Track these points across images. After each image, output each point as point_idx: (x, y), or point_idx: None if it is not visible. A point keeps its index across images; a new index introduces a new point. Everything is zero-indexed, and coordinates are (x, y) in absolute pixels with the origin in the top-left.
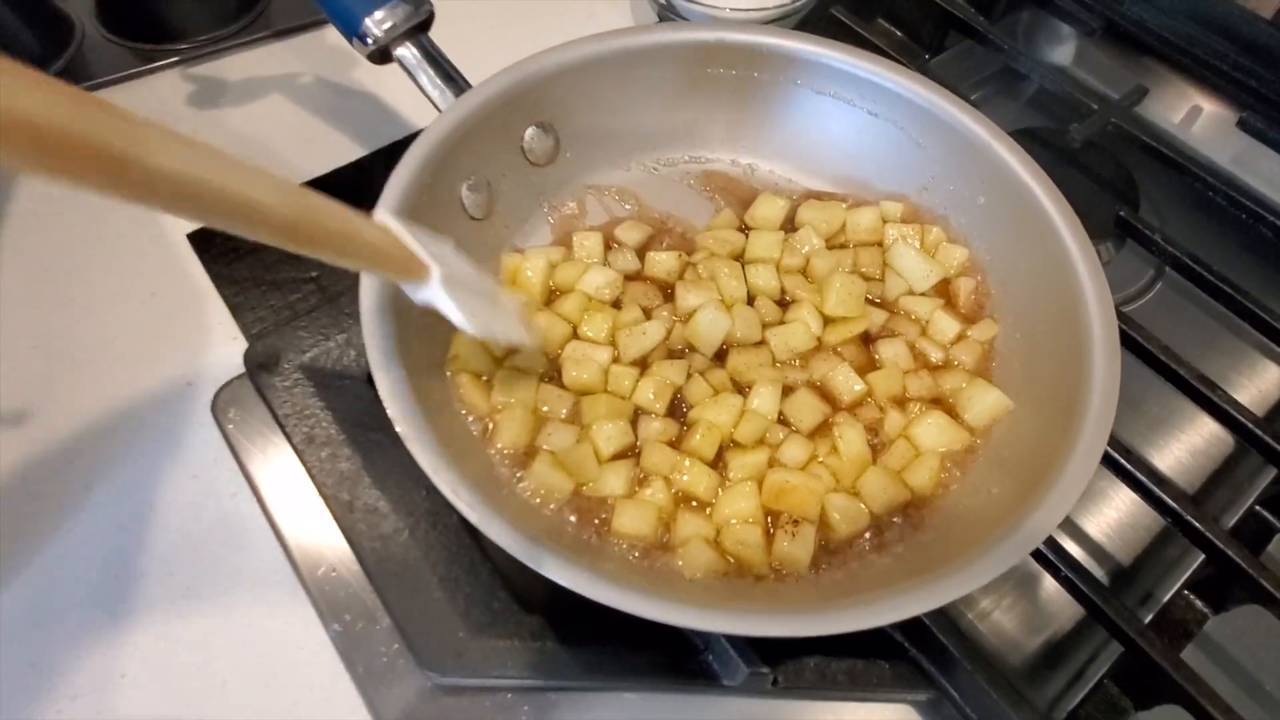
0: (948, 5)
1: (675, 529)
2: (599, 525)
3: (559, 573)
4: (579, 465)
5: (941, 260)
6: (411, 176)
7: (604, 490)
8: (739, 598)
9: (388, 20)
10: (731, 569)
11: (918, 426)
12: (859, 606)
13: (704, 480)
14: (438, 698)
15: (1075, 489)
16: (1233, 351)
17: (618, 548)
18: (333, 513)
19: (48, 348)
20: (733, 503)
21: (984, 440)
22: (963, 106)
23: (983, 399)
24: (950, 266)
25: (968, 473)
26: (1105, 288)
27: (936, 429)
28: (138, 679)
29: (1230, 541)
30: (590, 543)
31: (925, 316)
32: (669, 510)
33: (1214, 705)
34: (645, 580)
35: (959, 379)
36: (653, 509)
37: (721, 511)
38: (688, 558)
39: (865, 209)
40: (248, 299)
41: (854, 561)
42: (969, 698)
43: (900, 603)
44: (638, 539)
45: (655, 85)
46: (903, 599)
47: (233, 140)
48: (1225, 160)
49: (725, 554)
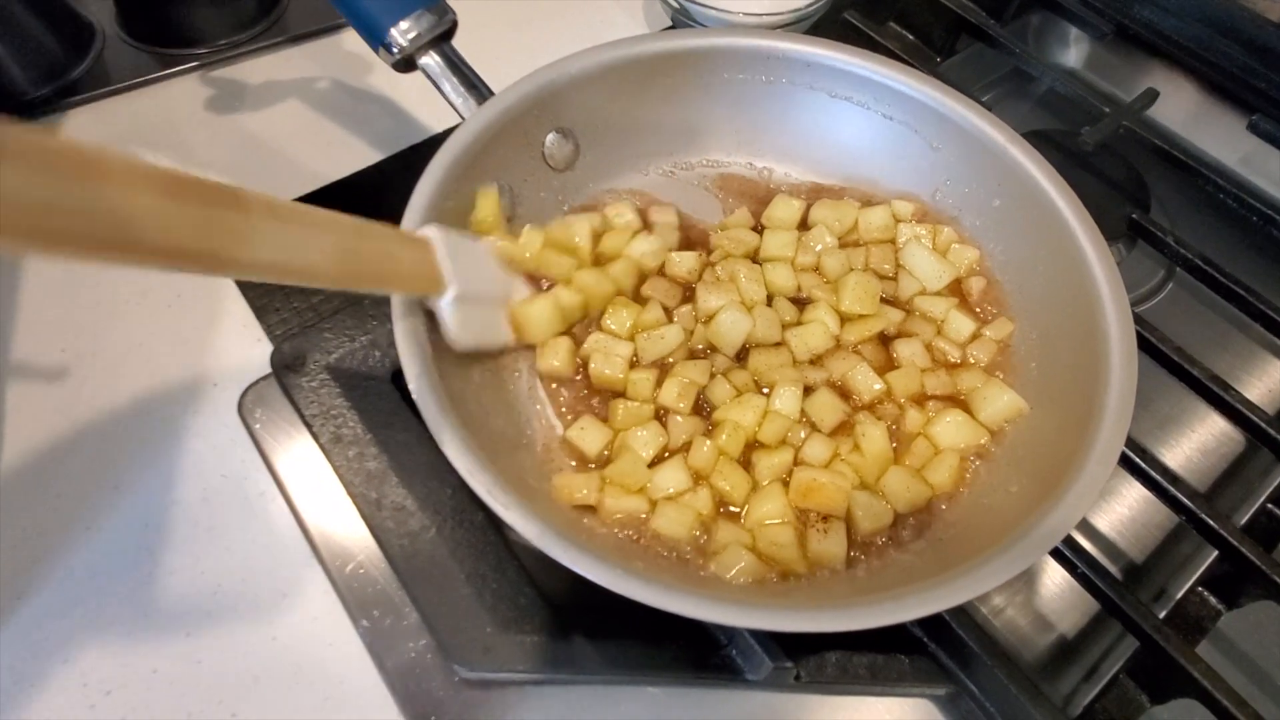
0: (959, 9)
1: (714, 534)
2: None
3: (598, 572)
4: (628, 475)
5: (953, 260)
6: (437, 182)
7: (658, 493)
8: (769, 595)
9: (412, 30)
10: (770, 572)
11: (937, 425)
12: (888, 602)
13: (738, 481)
14: (464, 691)
15: (1094, 487)
16: (1243, 351)
17: (652, 548)
18: (360, 511)
19: (75, 349)
20: (763, 504)
21: (1000, 439)
22: (978, 110)
23: (998, 399)
24: (961, 266)
25: (987, 471)
26: (1121, 289)
27: (955, 427)
28: (169, 674)
29: (1243, 538)
30: (624, 542)
31: (940, 316)
32: (710, 513)
33: (1229, 699)
34: (677, 578)
35: (975, 378)
36: (692, 512)
37: (754, 514)
38: (725, 562)
39: (877, 207)
40: (271, 301)
41: (876, 559)
42: (988, 692)
43: (927, 598)
44: (675, 542)
45: (671, 90)
46: (929, 594)
47: (251, 144)
48: (1235, 162)
49: (761, 557)
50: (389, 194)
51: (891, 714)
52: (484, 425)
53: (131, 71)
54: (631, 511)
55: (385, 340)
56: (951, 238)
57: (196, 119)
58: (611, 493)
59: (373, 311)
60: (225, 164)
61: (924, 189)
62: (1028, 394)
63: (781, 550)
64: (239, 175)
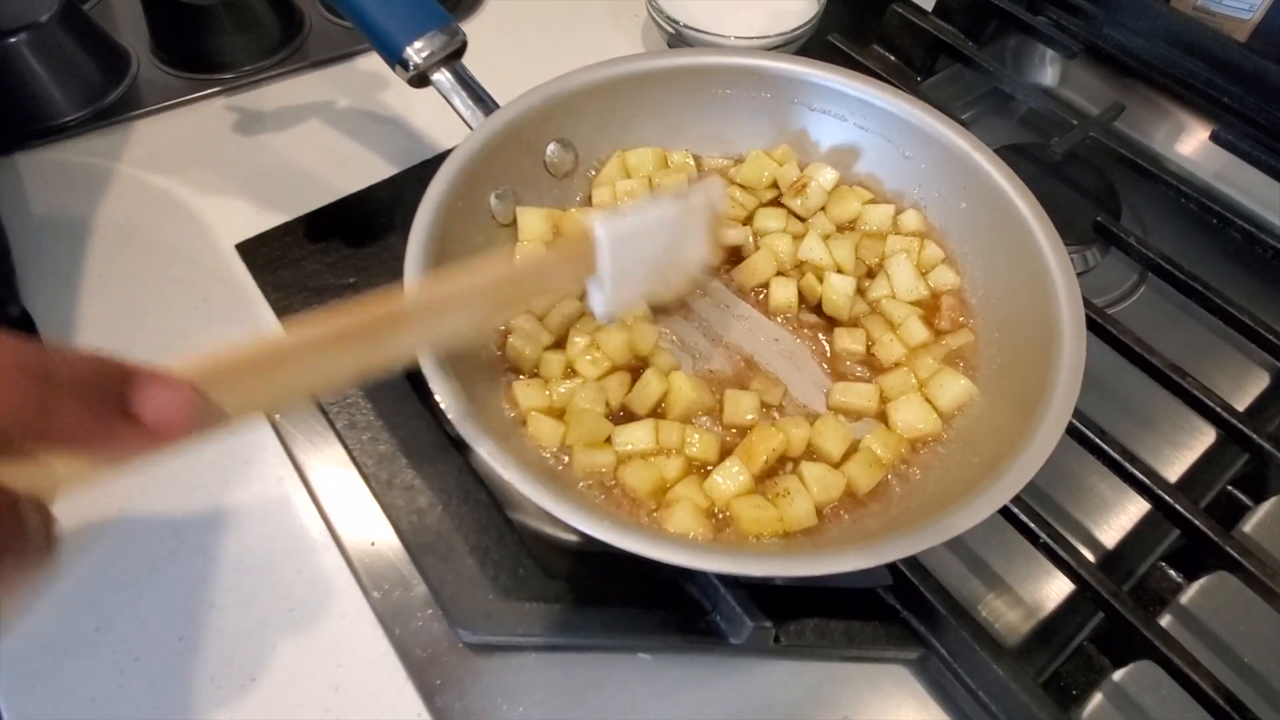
0: (938, 32)
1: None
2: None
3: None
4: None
5: (932, 282)
6: (448, 184)
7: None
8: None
9: (426, 49)
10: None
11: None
12: (864, 548)
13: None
14: (467, 657)
15: (1053, 434)
16: (1216, 350)
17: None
18: (372, 490)
19: (107, 349)
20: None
21: (954, 426)
22: (945, 121)
23: (952, 386)
24: (938, 289)
25: (944, 455)
26: (1073, 275)
27: (882, 433)
28: (195, 642)
29: (1201, 514)
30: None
31: (900, 320)
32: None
33: (1182, 659)
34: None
35: (930, 368)
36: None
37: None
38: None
39: (882, 206)
40: (292, 303)
41: (846, 518)
42: (955, 654)
43: (896, 544)
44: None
45: (666, 105)
46: (897, 541)
47: (273, 160)
48: (1199, 171)
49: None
50: (401, 204)
51: (867, 678)
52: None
53: (162, 95)
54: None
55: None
56: (937, 258)
57: (222, 138)
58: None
59: None
60: (249, 179)
61: (899, 193)
62: (986, 387)
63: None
64: (262, 189)
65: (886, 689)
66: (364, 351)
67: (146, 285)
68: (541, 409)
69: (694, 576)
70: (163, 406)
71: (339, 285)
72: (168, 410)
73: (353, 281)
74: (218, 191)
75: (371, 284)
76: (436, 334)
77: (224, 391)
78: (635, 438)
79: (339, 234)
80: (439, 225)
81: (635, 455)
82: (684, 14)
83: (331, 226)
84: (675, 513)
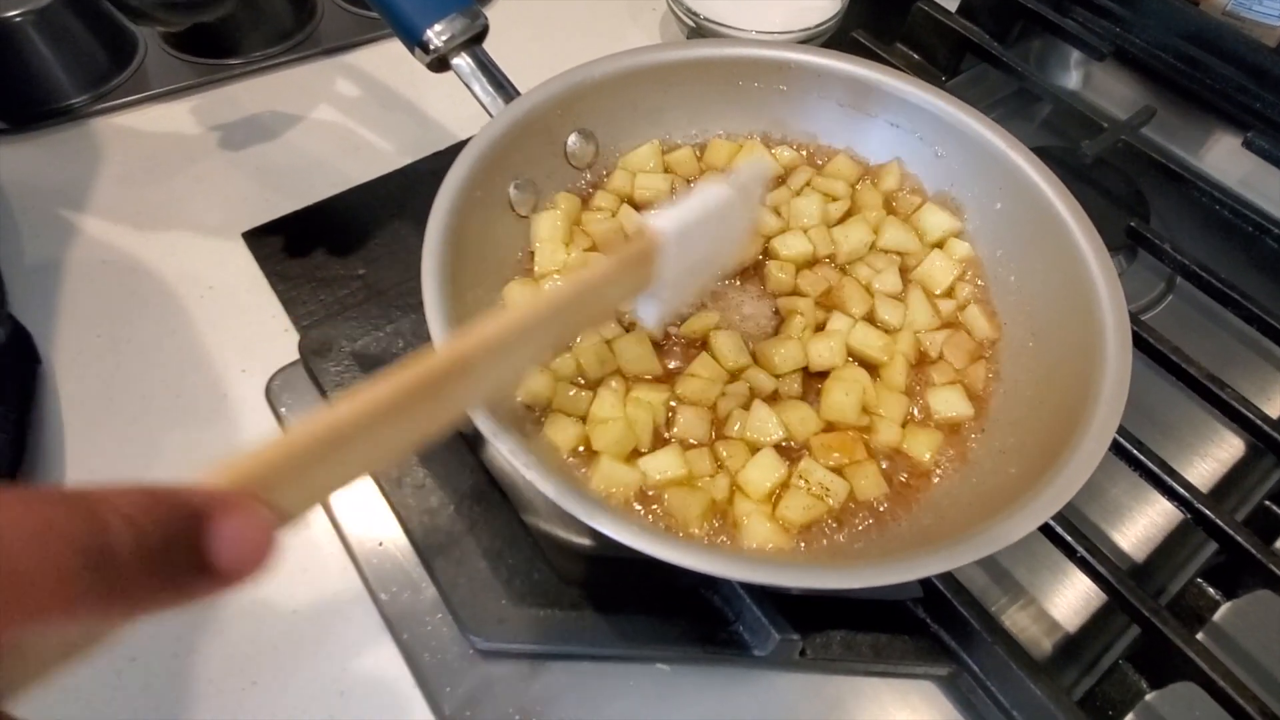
0: (964, 31)
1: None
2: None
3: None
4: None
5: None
6: (468, 172)
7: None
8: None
9: (446, 32)
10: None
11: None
12: (902, 561)
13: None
14: (478, 664)
15: (1095, 455)
16: (1244, 360)
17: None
18: (381, 489)
19: (110, 335)
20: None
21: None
22: (981, 119)
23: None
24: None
25: (975, 460)
26: (1116, 280)
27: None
28: (194, 643)
29: (1241, 529)
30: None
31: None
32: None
33: (1226, 680)
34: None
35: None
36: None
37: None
38: (751, 532)
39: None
40: (299, 293)
41: (878, 530)
42: (989, 671)
43: (941, 558)
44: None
45: (687, 96)
46: (943, 554)
47: (284, 148)
48: (1230, 177)
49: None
50: (413, 194)
51: (893, 694)
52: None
53: (170, 79)
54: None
55: (409, 329)
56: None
57: (231, 126)
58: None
59: (396, 303)
60: (257, 166)
61: (931, 192)
62: (1026, 390)
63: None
64: (270, 177)
65: (913, 704)
66: (425, 413)
67: (149, 273)
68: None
69: (717, 585)
70: (243, 544)
71: (348, 276)
72: (248, 548)
73: (362, 273)
74: (225, 179)
75: (380, 274)
76: (497, 380)
77: (283, 491)
78: (664, 464)
79: (349, 224)
80: (457, 214)
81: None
82: (705, 7)
83: (341, 216)
84: (752, 526)
